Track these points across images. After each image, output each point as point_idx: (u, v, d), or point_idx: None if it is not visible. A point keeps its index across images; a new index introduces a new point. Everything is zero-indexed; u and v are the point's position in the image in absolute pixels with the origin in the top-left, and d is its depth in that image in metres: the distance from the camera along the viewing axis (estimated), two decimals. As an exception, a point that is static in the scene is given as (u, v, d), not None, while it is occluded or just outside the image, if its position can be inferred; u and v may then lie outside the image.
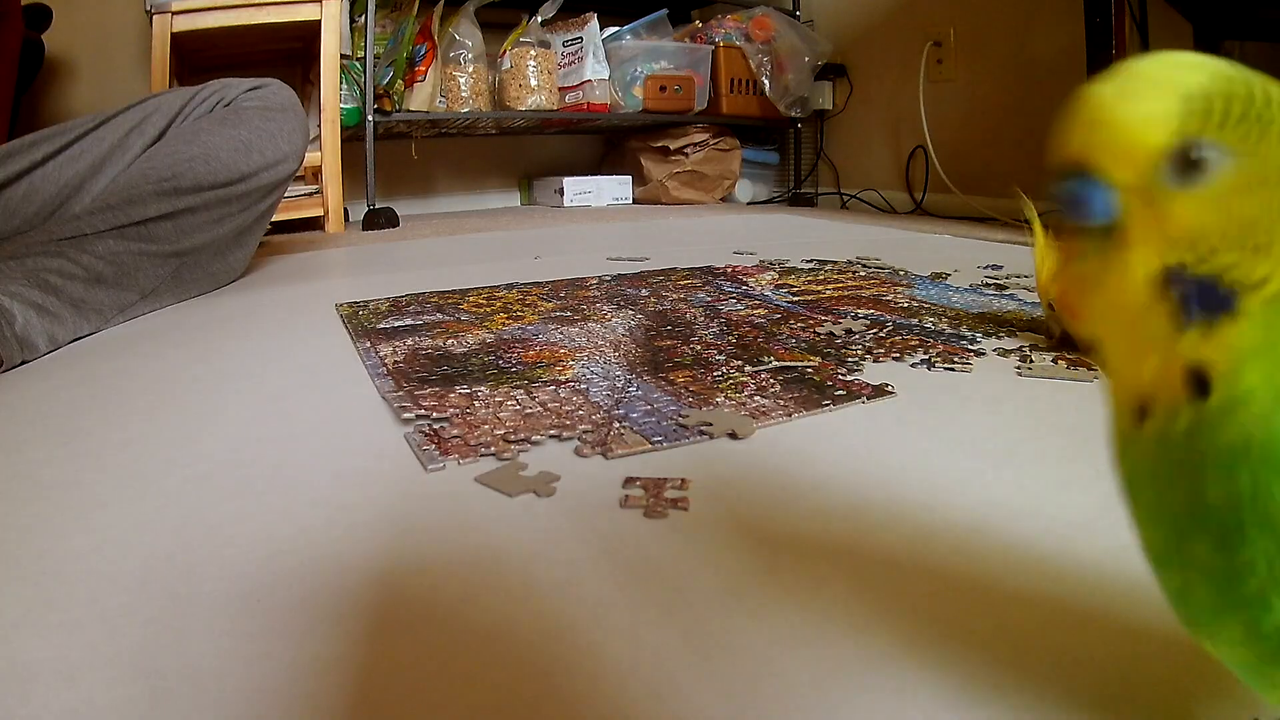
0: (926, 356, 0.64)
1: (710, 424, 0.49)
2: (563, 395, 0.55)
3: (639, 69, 2.03)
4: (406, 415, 0.52)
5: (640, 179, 2.18)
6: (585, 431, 0.49)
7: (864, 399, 0.55)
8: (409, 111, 1.75)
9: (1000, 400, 0.55)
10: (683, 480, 0.42)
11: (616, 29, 2.05)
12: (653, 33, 2.10)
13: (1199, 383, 0.17)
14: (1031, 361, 0.63)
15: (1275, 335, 0.17)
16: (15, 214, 0.91)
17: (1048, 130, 0.18)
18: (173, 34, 1.45)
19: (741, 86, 2.11)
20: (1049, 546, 0.35)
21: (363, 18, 1.65)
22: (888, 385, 0.57)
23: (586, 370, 0.61)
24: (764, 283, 0.96)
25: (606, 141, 2.38)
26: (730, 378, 0.59)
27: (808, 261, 1.12)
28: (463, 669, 0.28)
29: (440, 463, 0.45)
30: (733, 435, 0.48)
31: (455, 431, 0.49)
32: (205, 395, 0.60)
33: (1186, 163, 0.16)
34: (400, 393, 0.57)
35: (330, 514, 0.40)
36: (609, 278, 1.01)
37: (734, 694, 0.26)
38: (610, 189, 2.16)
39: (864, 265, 1.09)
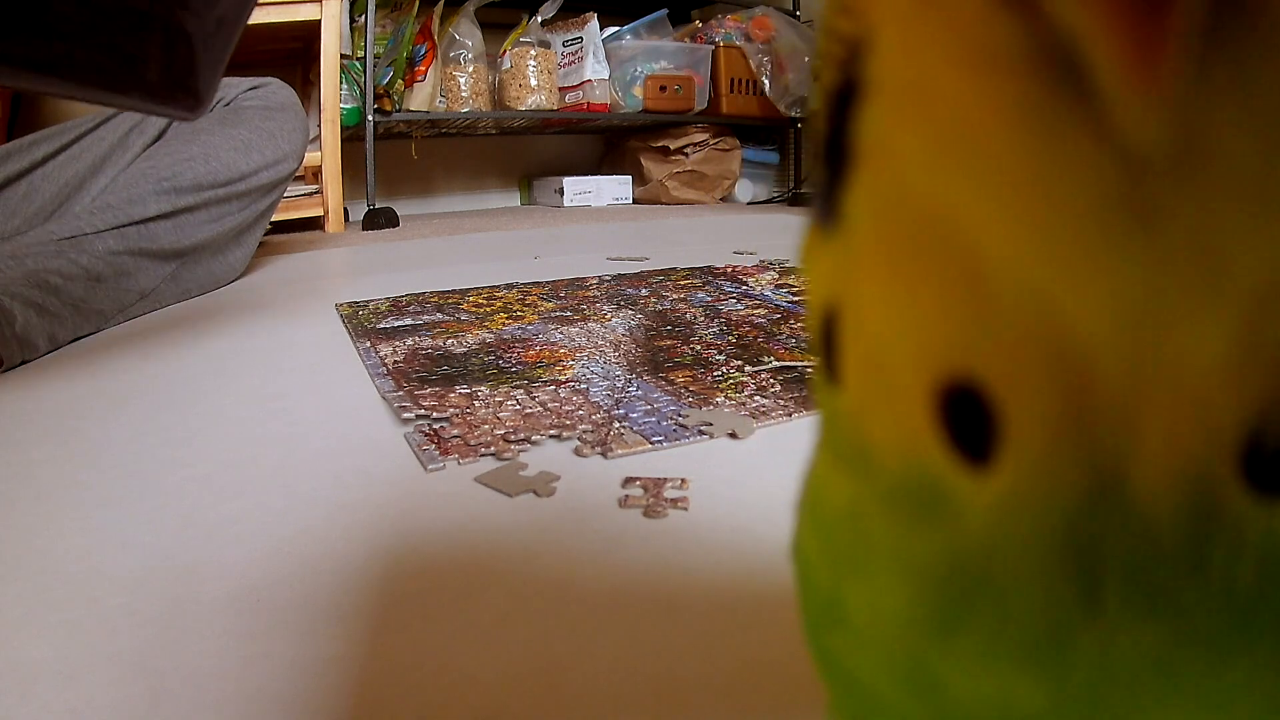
0: (926, 356, 0.64)
1: (710, 424, 0.49)
2: (563, 395, 0.55)
3: (639, 69, 2.03)
4: (406, 415, 0.52)
5: (640, 179, 2.18)
6: (585, 431, 0.49)
7: (864, 399, 0.54)
8: (409, 111, 1.75)
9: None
10: (683, 480, 0.42)
11: (616, 29, 2.05)
12: (653, 33, 2.09)
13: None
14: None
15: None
16: (15, 214, 0.91)
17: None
18: (173, 34, 1.45)
19: (741, 86, 2.11)
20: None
21: (363, 18, 1.65)
22: (888, 385, 0.57)
23: (586, 370, 0.61)
24: (764, 283, 0.96)
25: (606, 141, 2.38)
26: (730, 378, 0.59)
27: (808, 261, 1.12)
28: (463, 669, 0.28)
29: (440, 463, 0.45)
30: (733, 435, 0.48)
31: (455, 431, 0.49)
32: (205, 395, 0.60)
33: None
34: (400, 393, 0.57)
35: (330, 514, 0.40)
36: (609, 278, 1.00)
37: (735, 695, 0.26)
38: (610, 189, 2.16)
39: (864, 265, 1.08)
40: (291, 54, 1.75)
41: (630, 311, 0.81)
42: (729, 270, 1.04)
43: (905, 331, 0.09)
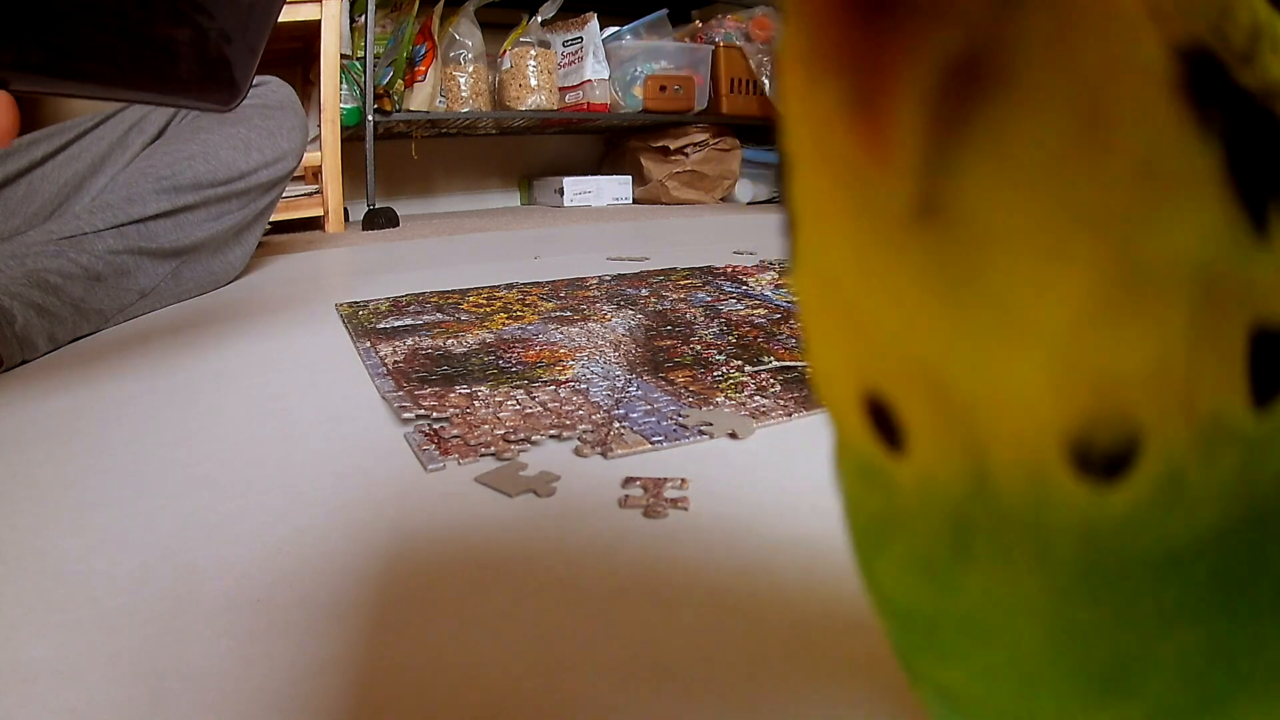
0: (926, 357, 0.64)
1: (710, 424, 0.49)
2: (563, 395, 0.55)
3: (639, 69, 2.03)
4: (406, 415, 0.52)
5: (640, 179, 2.18)
6: (585, 431, 0.49)
7: (864, 399, 0.54)
8: (409, 111, 1.75)
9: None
10: (683, 480, 0.42)
11: (616, 29, 2.05)
12: (653, 33, 2.10)
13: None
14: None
15: None
16: (15, 214, 0.91)
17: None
18: (173, 33, 1.45)
19: (741, 86, 2.11)
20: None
21: (363, 18, 1.65)
22: (888, 385, 0.57)
23: (586, 370, 0.61)
24: (764, 283, 0.96)
25: (606, 141, 2.38)
26: (730, 378, 0.59)
27: (808, 261, 1.12)
28: (463, 668, 0.28)
29: (440, 463, 0.45)
30: (733, 435, 0.48)
31: (455, 431, 0.49)
32: (205, 395, 0.60)
33: None
34: (400, 393, 0.57)
35: (330, 514, 0.40)
36: (609, 278, 1.00)
37: (734, 693, 0.26)
38: (610, 189, 2.16)
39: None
40: (291, 54, 1.75)
41: (630, 311, 0.81)
42: (729, 270, 1.04)
43: (834, 356, 0.12)
